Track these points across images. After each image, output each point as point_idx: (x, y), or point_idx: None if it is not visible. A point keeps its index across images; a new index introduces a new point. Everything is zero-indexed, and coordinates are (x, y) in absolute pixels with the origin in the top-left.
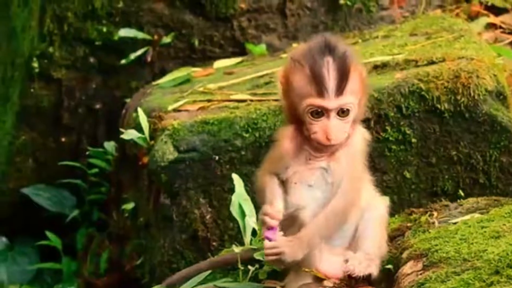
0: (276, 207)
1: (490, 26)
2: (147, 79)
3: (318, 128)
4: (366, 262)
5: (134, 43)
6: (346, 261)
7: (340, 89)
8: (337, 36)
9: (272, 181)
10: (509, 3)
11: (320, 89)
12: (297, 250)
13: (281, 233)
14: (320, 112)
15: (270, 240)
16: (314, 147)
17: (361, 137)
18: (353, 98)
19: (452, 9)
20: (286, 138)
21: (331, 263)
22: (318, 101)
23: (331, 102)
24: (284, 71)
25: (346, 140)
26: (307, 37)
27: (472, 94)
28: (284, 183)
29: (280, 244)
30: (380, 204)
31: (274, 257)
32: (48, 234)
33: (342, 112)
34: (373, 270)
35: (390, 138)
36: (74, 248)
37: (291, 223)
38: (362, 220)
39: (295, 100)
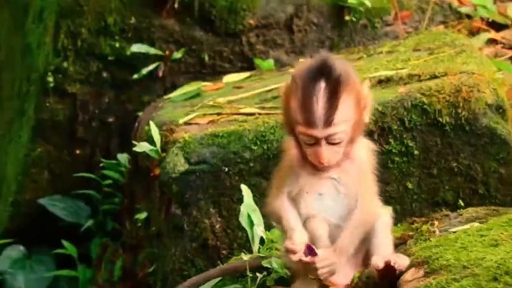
0: (296, 241)
1: (491, 41)
2: (159, 93)
3: (310, 152)
4: (399, 257)
5: (146, 59)
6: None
7: (329, 120)
8: (337, 55)
9: (285, 206)
10: (510, 19)
11: (309, 119)
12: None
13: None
14: (311, 140)
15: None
16: None
17: (366, 149)
18: (344, 126)
19: (454, 25)
20: (291, 148)
21: (337, 270)
22: (307, 131)
23: (320, 132)
24: (285, 87)
25: (347, 154)
26: (313, 53)
27: (472, 107)
28: (295, 198)
29: (328, 256)
30: (385, 213)
31: (328, 269)
32: (64, 243)
33: (333, 140)
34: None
35: (393, 150)
36: (89, 256)
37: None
38: (372, 229)
39: (290, 121)
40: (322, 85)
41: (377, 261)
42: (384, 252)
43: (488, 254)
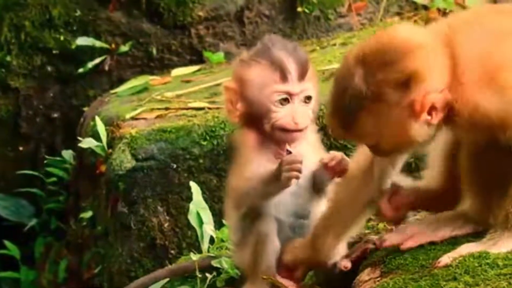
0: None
1: None
2: (105, 87)
3: (283, 114)
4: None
5: (91, 52)
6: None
7: (302, 74)
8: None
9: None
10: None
11: (283, 74)
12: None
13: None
14: (285, 99)
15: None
16: (276, 141)
17: (314, 132)
18: (313, 84)
19: (410, 16)
20: (247, 138)
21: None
22: (282, 87)
23: (294, 86)
24: (235, 74)
25: (304, 132)
26: None
27: None
28: None
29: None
30: None
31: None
32: (6, 243)
33: (306, 98)
34: None
35: (348, 145)
36: (32, 257)
37: (256, 215)
38: None
39: (254, 96)
40: (285, 50)
41: (345, 263)
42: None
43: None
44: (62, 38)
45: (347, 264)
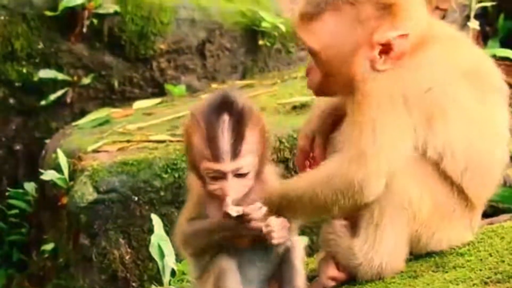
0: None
1: None
2: (67, 120)
3: (215, 187)
4: None
5: (53, 84)
6: None
7: (235, 152)
8: (236, 90)
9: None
10: None
11: (215, 153)
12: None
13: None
14: (217, 177)
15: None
16: None
17: (273, 176)
18: (251, 158)
19: None
20: (196, 184)
21: None
22: (213, 166)
23: (226, 166)
24: (186, 126)
25: (256, 183)
26: (226, 78)
27: None
28: None
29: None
30: (298, 244)
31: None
32: None
33: (240, 174)
34: None
35: None
36: None
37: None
38: (285, 260)
39: (195, 159)
40: (226, 118)
41: None
42: (298, 285)
43: (407, 286)
44: (24, 70)
45: None
